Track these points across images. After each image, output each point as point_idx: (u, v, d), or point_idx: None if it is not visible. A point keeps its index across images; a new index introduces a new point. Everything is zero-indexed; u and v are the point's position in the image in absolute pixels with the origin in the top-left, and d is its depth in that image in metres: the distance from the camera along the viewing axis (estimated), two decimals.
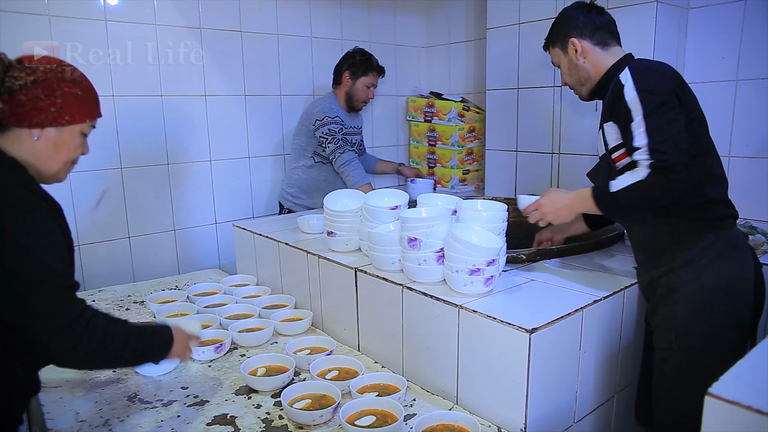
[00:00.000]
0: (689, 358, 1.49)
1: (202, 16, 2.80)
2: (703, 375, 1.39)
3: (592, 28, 1.65)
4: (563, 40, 1.70)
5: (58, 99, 1.19)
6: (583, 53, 1.66)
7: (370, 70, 2.89)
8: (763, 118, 2.32)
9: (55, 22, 2.36)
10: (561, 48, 1.72)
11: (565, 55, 1.71)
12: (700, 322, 1.47)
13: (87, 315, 1.15)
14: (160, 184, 2.78)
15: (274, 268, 2.33)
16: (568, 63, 1.71)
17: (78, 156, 1.31)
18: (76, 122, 1.24)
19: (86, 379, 1.71)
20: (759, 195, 2.34)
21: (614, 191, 1.45)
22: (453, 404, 1.53)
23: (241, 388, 1.63)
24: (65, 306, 1.13)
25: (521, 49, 2.86)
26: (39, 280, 1.10)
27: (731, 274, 1.48)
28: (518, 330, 1.34)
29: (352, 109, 2.97)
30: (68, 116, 1.21)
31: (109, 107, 2.55)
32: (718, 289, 1.46)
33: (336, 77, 2.95)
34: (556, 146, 2.78)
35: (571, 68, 1.71)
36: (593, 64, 1.66)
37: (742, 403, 0.75)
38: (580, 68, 1.68)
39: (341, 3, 3.38)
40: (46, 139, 1.20)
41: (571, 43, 1.67)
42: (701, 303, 1.47)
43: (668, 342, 1.52)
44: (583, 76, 1.69)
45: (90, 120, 1.29)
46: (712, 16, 2.42)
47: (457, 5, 3.59)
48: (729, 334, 1.47)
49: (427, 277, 1.65)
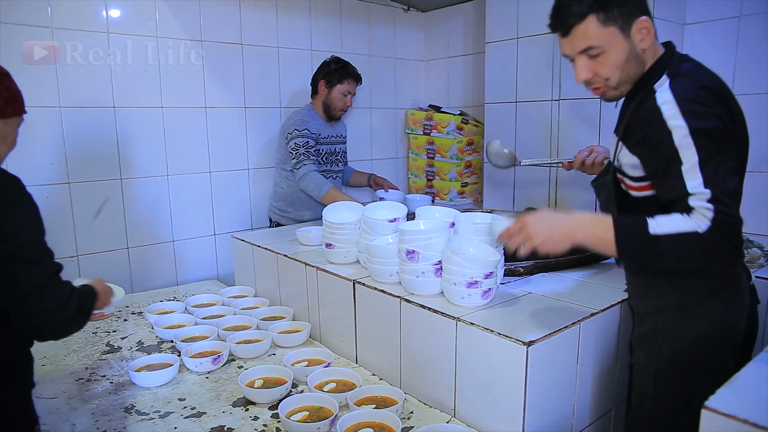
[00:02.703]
0: (668, 403, 1.37)
1: (203, 28, 2.82)
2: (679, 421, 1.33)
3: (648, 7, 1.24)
4: (627, 16, 1.23)
5: (4, 93, 1.25)
6: (650, 37, 1.26)
7: (345, 78, 2.86)
8: (759, 132, 2.31)
9: (58, 34, 2.39)
10: (619, 27, 1.24)
11: (625, 39, 1.25)
12: (683, 369, 1.34)
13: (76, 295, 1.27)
14: (159, 195, 2.79)
15: (273, 280, 2.33)
16: (627, 51, 1.26)
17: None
18: (17, 114, 1.30)
19: (83, 390, 1.70)
20: (755, 209, 2.35)
21: (658, 234, 1.13)
22: (450, 417, 1.52)
23: (238, 400, 1.62)
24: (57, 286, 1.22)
25: (519, 63, 2.89)
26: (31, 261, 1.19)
27: (722, 322, 1.32)
28: (516, 343, 1.34)
29: (331, 118, 2.94)
30: (11, 109, 1.27)
31: (109, 118, 2.57)
32: (706, 337, 1.31)
33: (313, 87, 2.93)
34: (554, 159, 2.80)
35: (629, 59, 1.27)
36: (652, 55, 1.29)
37: (738, 417, 0.76)
38: (639, 60, 1.28)
39: (341, 17, 3.41)
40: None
41: (641, 25, 1.24)
42: (686, 352, 1.33)
43: (647, 385, 1.40)
44: (638, 71, 1.30)
45: (23, 114, 1.34)
46: (708, 32, 2.45)
47: (456, 19, 3.63)
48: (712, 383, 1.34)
49: (425, 289, 1.65)
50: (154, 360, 1.84)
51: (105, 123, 2.57)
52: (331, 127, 2.98)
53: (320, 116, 2.92)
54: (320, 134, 2.87)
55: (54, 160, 2.44)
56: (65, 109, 2.44)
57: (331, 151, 2.98)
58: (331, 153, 2.98)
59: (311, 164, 2.77)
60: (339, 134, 3.06)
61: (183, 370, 1.82)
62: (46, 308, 1.20)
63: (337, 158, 3.02)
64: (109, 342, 2.07)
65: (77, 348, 2.02)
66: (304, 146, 2.77)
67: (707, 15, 2.45)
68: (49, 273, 1.22)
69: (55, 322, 1.23)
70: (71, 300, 1.25)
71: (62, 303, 1.22)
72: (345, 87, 2.86)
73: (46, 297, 1.20)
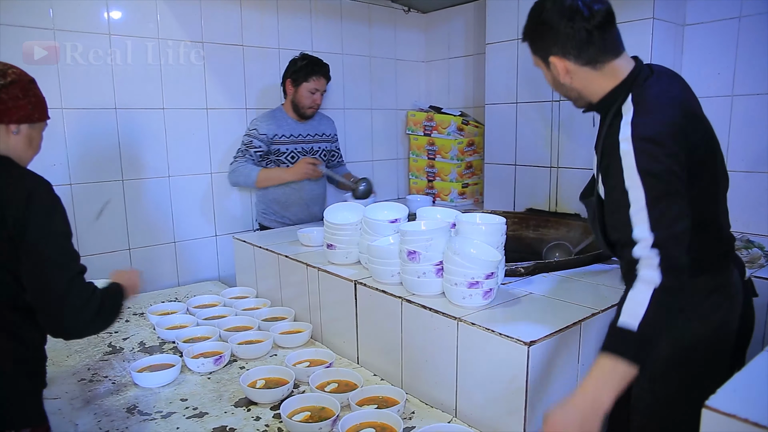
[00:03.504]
0: (663, 402, 1.42)
1: (205, 30, 2.83)
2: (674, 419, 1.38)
3: (577, 44, 1.28)
4: (543, 54, 1.37)
5: (32, 99, 1.33)
6: (569, 73, 1.34)
7: (311, 75, 2.78)
8: (759, 132, 2.34)
9: (60, 36, 2.39)
10: (542, 59, 1.38)
11: (547, 70, 1.40)
12: (678, 368, 1.39)
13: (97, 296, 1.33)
14: (160, 196, 2.80)
15: (274, 281, 2.33)
16: (552, 79, 1.40)
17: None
18: (42, 120, 1.38)
19: (85, 390, 1.71)
20: (755, 209, 2.36)
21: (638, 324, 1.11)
22: (452, 417, 1.53)
23: (240, 401, 1.63)
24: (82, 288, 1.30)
25: (520, 64, 2.89)
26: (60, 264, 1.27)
27: (715, 322, 1.38)
28: (517, 343, 1.35)
29: (302, 116, 2.88)
30: (38, 114, 1.35)
31: (111, 119, 2.58)
32: (700, 335, 1.37)
33: (282, 87, 2.90)
34: (554, 160, 2.80)
35: (556, 85, 1.42)
36: (584, 85, 1.35)
37: (739, 416, 0.76)
38: (567, 89, 1.39)
39: (342, 18, 3.42)
40: (22, 134, 1.33)
41: (552, 63, 1.34)
42: (681, 349, 1.38)
43: (644, 381, 1.41)
44: (572, 95, 1.42)
45: (47, 120, 1.41)
46: (708, 33, 2.46)
47: (457, 21, 3.64)
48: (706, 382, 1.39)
49: (426, 289, 1.65)
50: (156, 361, 1.84)
51: (107, 124, 2.57)
52: (304, 125, 2.91)
53: (289, 115, 2.88)
54: (278, 134, 2.82)
55: (55, 162, 2.45)
56: (67, 111, 2.45)
57: (306, 150, 2.91)
58: (306, 152, 2.91)
59: (241, 160, 2.78)
60: (319, 132, 2.98)
61: (185, 371, 1.82)
62: (70, 310, 1.27)
63: (317, 157, 2.95)
64: (111, 343, 2.07)
65: (79, 349, 2.02)
66: (244, 145, 2.80)
67: (707, 16, 2.45)
68: (74, 276, 1.29)
69: (77, 323, 1.29)
70: (91, 302, 1.30)
71: (83, 305, 1.28)
72: (312, 84, 2.79)
73: (70, 299, 1.26)
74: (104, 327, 1.39)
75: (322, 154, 2.99)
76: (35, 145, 1.38)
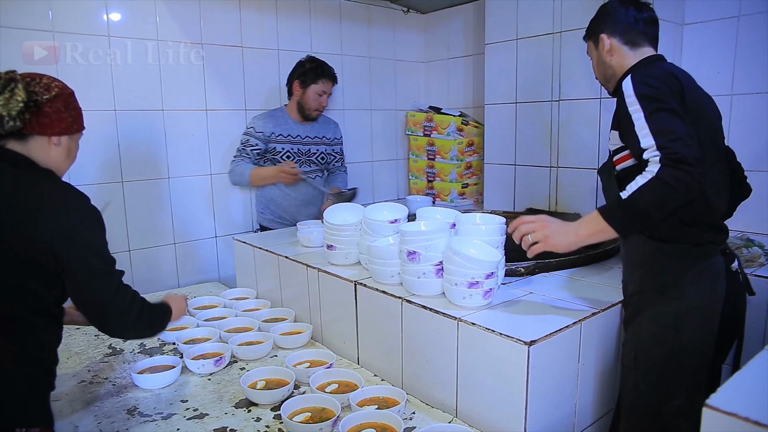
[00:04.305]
0: (647, 379, 1.48)
1: (204, 31, 2.83)
2: (659, 398, 1.44)
3: (625, 26, 1.60)
4: (596, 34, 1.66)
5: (72, 111, 1.39)
6: (611, 50, 1.62)
7: (320, 78, 2.81)
8: (758, 131, 2.34)
9: (59, 38, 2.39)
10: (593, 41, 1.69)
11: (595, 50, 1.69)
12: (661, 345, 1.47)
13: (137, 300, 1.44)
14: (160, 197, 2.79)
15: (274, 282, 2.33)
16: (597, 58, 1.69)
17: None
18: (80, 131, 1.45)
19: (85, 392, 1.71)
20: (755, 208, 2.35)
21: (628, 196, 1.35)
22: (452, 417, 1.53)
23: (240, 402, 1.63)
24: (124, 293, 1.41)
25: (519, 64, 2.89)
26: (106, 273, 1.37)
27: (697, 303, 1.46)
28: (517, 342, 1.35)
29: (306, 117, 2.90)
30: (76, 126, 1.42)
31: (110, 121, 2.58)
32: (682, 316, 1.45)
33: (288, 87, 2.91)
34: (554, 160, 2.80)
35: (599, 63, 1.68)
36: (619, 62, 1.62)
37: (740, 415, 0.76)
38: (606, 65, 1.65)
39: (341, 19, 3.42)
40: (63, 146, 1.38)
41: (601, 39, 1.64)
42: (664, 328, 1.46)
43: (629, 360, 1.53)
44: (608, 73, 1.66)
45: (83, 130, 1.47)
46: (707, 32, 2.46)
47: (456, 21, 3.64)
48: (689, 361, 1.47)
49: (427, 290, 1.65)
50: (156, 362, 1.84)
51: (106, 126, 2.57)
52: (304, 127, 2.92)
53: (291, 116, 2.89)
54: (275, 133, 2.82)
55: None
56: None
57: (303, 152, 2.91)
58: (302, 153, 2.91)
59: (239, 159, 2.82)
60: (319, 135, 2.98)
61: (185, 372, 1.82)
62: (113, 316, 1.38)
63: (313, 159, 2.95)
64: (112, 344, 2.07)
65: (79, 351, 2.02)
66: (242, 144, 2.84)
67: (706, 15, 2.45)
68: (117, 283, 1.39)
69: (120, 325, 1.42)
70: (133, 306, 1.42)
71: (126, 309, 1.40)
72: (320, 87, 2.82)
73: (114, 305, 1.37)
74: (145, 333, 1.57)
75: (319, 157, 2.98)
76: (72, 156, 1.44)
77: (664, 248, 1.47)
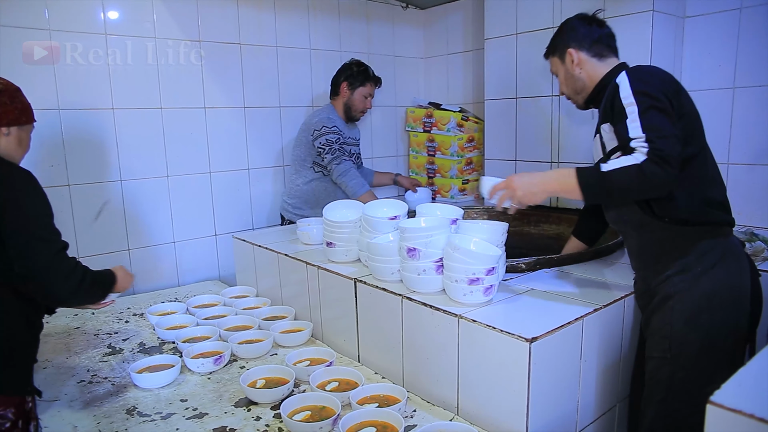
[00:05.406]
0: (684, 366, 1.46)
1: (201, 28, 2.82)
2: (698, 383, 1.43)
3: (591, 40, 1.69)
4: (562, 49, 1.73)
5: (18, 104, 1.54)
6: (580, 64, 1.70)
7: (367, 81, 2.93)
8: (761, 124, 2.32)
9: (56, 36, 2.38)
10: (559, 57, 1.75)
11: (562, 65, 1.75)
12: (695, 330, 1.45)
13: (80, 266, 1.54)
14: (159, 196, 2.78)
15: (274, 280, 2.32)
16: (564, 72, 1.75)
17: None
18: (29, 122, 1.59)
19: (85, 392, 1.70)
20: (758, 202, 2.34)
21: (607, 170, 1.40)
22: (454, 415, 1.52)
23: (240, 400, 1.62)
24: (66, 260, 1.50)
25: (519, 59, 2.88)
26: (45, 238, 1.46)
27: (727, 282, 1.46)
28: (518, 339, 1.34)
29: (350, 119, 3.00)
30: (25, 118, 1.56)
31: (108, 120, 2.57)
32: (714, 296, 1.45)
33: (334, 89, 2.98)
34: (555, 155, 2.79)
35: (567, 78, 1.75)
36: (588, 74, 1.70)
37: (744, 411, 0.75)
38: (575, 78, 1.72)
39: (340, 15, 3.40)
40: (12, 136, 1.53)
41: (569, 54, 1.71)
42: (696, 311, 1.45)
43: (662, 350, 1.50)
44: (578, 85, 1.73)
45: (33, 122, 1.62)
46: (708, 25, 2.44)
47: (455, 16, 3.62)
48: (725, 342, 1.46)
49: (427, 287, 1.64)
50: (155, 361, 1.84)
51: (104, 125, 2.56)
52: (349, 129, 3.01)
53: (340, 117, 2.96)
54: (345, 135, 2.92)
55: (53, 163, 2.44)
56: (64, 112, 2.44)
57: (354, 153, 3.03)
58: (353, 154, 3.02)
59: (349, 161, 2.83)
60: (355, 137, 3.09)
61: (185, 371, 1.81)
62: (56, 279, 1.46)
63: (354, 159, 3.03)
64: (111, 344, 2.07)
65: (79, 350, 2.01)
66: (337, 143, 2.82)
67: (708, 8, 2.43)
68: (58, 249, 1.48)
69: (64, 290, 1.48)
70: (76, 271, 1.51)
71: (68, 273, 1.48)
72: (366, 89, 2.93)
73: (56, 269, 1.46)
74: (87, 299, 1.63)
75: (356, 158, 3.07)
76: (24, 145, 1.59)
77: (686, 231, 1.48)
